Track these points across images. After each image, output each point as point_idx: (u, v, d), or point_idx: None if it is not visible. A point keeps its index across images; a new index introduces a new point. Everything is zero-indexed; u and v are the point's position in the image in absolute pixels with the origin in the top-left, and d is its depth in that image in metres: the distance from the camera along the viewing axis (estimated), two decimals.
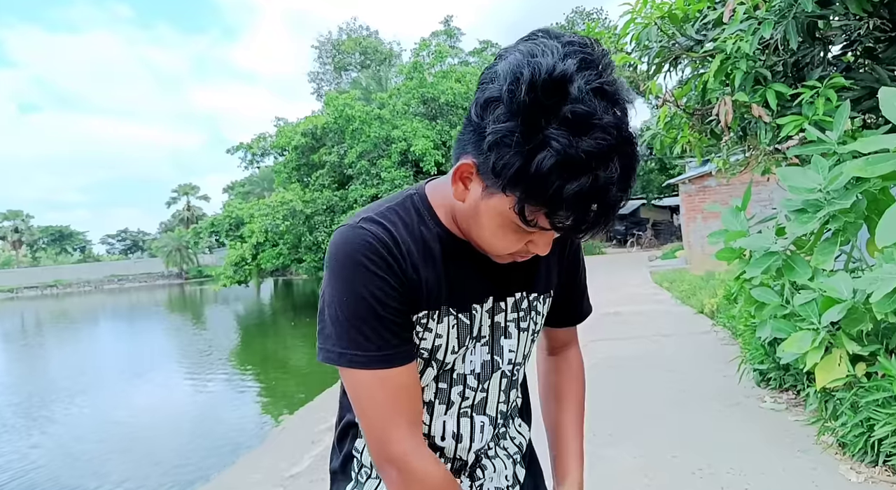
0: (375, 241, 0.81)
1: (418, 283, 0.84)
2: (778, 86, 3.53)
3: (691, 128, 4.34)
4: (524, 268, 0.93)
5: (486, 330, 0.92)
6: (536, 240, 0.78)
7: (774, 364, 3.93)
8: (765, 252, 3.38)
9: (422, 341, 0.87)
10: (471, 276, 0.89)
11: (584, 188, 0.65)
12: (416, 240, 0.85)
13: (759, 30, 3.24)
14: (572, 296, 1.08)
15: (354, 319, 0.80)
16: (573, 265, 1.06)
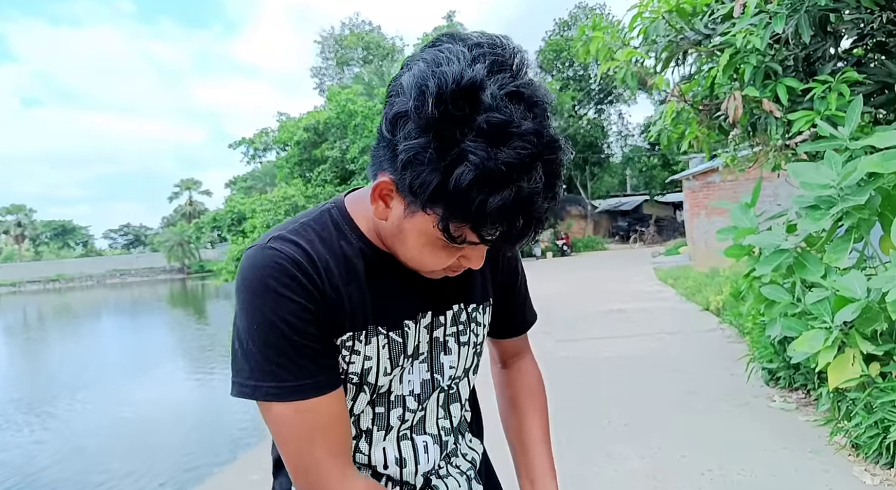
0: (287, 262, 0.74)
1: (339, 303, 0.78)
2: (789, 80, 3.47)
3: (699, 123, 4.28)
4: (459, 279, 0.87)
5: (423, 347, 0.86)
6: (468, 254, 0.74)
7: (784, 363, 3.88)
8: (775, 249, 3.33)
9: (350, 365, 0.80)
10: (400, 291, 0.83)
11: (507, 201, 0.61)
12: (336, 256, 0.79)
13: (771, 24, 3.18)
14: (513, 305, 1.03)
15: (267, 349, 0.73)
16: (511, 273, 1.01)
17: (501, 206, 0.61)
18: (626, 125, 34.71)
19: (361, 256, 0.80)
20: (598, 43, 4.24)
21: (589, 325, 7.53)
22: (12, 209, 67.40)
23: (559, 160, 0.65)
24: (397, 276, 0.82)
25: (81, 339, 17.59)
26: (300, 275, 0.74)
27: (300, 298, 0.74)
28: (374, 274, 0.81)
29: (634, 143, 35.87)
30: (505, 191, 0.60)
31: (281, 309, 0.73)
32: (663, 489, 2.82)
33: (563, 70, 31.45)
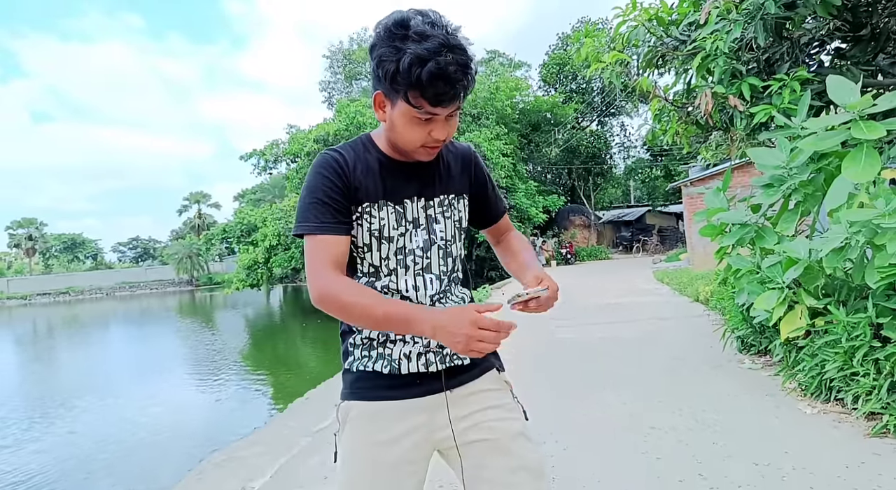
0: (329, 158, 1.27)
1: (359, 186, 1.26)
2: (751, 79, 3.99)
3: (679, 119, 4.80)
4: (443, 178, 1.37)
5: (422, 220, 1.31)
6: (434, 128, 1.18)
7: (752, 329, 4.36)
8: (740, 224, 3.83)
9: (371, 224, 1.28)
10: (402, 182, 1.31)
11: (432, 70, 1.07)
12: (361, 160, 1.28)
13: (732, 30, 3.70)
14: (487, 199, 1.48)
15: (309, 203, 1.24)
16: (479, 178, 1.45)
17: (429, 74, 1.07)
18: (629, 137, 35.24)
19: (377, 161, 1.31)
20: (588, 47, 4.78)
21: (587, 313, 8.00)
22: (23, 223, 68.12)
23: (464, 51, 1.12)
24: (400, 173, 1.31)
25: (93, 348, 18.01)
26: (336, 166, 1.26)
27: (333, 177, 1.25)
28: (386, 172, 1.30)
29: (637, 154, 36.37)
30: (429, 64, 1.07)
31: (322, 183, 1.25)
32: (638, 424, 3.29)
33: (566, 83, 32.02)
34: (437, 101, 1.13)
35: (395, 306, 1.17)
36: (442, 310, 1.14)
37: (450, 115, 1.19)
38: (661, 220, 35.13)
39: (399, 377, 1.29)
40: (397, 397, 1.30)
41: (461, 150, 1.45)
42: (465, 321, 1.06)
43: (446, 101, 1.14)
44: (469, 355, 1.10)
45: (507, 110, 24.41)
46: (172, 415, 7.83)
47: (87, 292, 54.56)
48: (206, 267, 54.52)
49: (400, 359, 1.29)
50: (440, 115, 1.17)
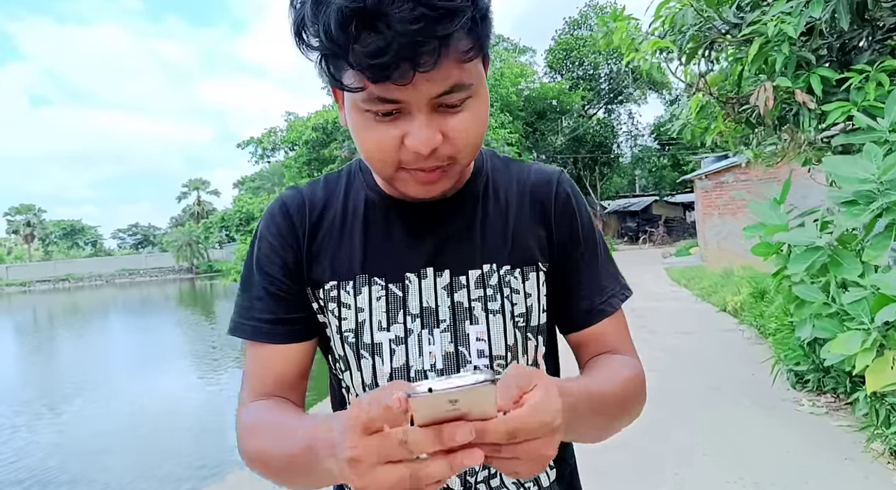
0: (277, 206, 0.80)
1: (322, 249, 0.78)
2: (823, 70, 3.34)
3: (725, 117, 4.14)
4: (488, 231, 0.78)
5: (444, 312, 0.76)
6: (409, 130, 0.63)
7: (813, 365, 3.74)
8: (808, 247, 3.20)
9: (342, 322, 0.77)
10: (404, 240, 0.77)
11: (359, 15, 0.55)
12: (336, 202, 0.80)
13: (807, 10, 3.04)
14: (574, 280, 0.81)
15: (244, 286, 0.80)
16: (569, 230, 0.80)
17: (339, 12, 0.55)
18: (636, 125, 34.49)
19: (364, 202, 0.79)
20: (620, 33, 4.11)
21: None
22: (22, 209, 67.84)
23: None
24: (402, 223, 0.78)
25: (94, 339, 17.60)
26: (281, 218, 0.78)
27: (274, 241, 0.77)
28: (375, 221, 0.78)
29: (644, 143, 35.65)
30: (353, 2, 0.55)
31: (259, 249, 0.78)
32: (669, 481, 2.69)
33: (572, 69, 31.28)
34: (379, 70, 0.57)
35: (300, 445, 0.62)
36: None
37: (440, 101, 0.63)
38: (668, 211, 34.53)
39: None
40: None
41: (534, 176, 0.83)
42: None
43: (399, 68, 0.57)
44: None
45: (512, 97, 23.76)
46: (173, 413, 7.48)
47: (86, 279, 54.38)
48: (205, 254, 54.18)
49: None
50: (407, 101, 0.61)
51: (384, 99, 0.60)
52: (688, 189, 25.72)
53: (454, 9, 0.56)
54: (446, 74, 0.60)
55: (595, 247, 0.83)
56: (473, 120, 0.66)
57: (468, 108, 0.65)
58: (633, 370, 0.78)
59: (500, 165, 0.85)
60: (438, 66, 0.58)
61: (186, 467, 5.24)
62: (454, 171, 0.70)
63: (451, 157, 0.67)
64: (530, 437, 0.50)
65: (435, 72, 0.58)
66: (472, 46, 0.61)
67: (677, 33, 3.82)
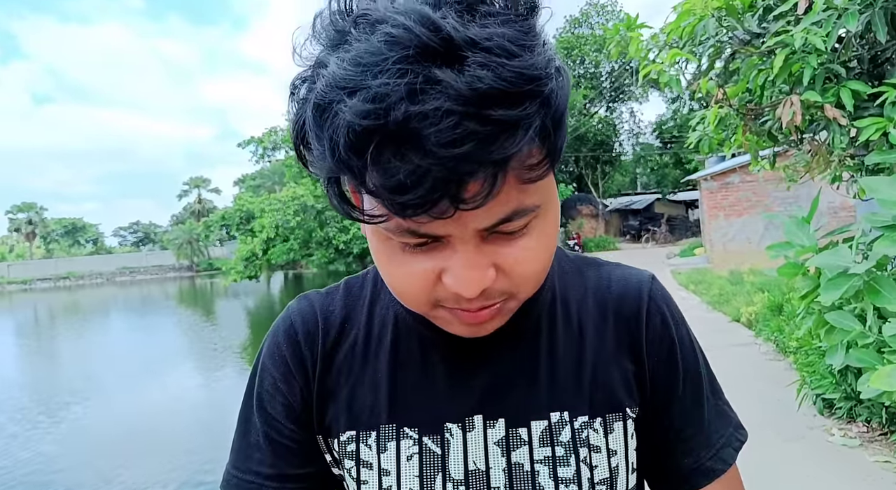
0: (283, 325, 0.64)
1: (337, 386, 0.60)
2: (854, 83, 3.16)
3: (745, 129, 3.97)
4: (559, 371, 0.60)
5: (499, 477, 0.58)
6: (448, 266, 0.47)
7: (845, 394, 3.57)
8: (841, 272, 3.02)
9: (362, 486, 0.59)
10: (444, 379, 0.60)
11: (358, 112, 0.38)
12: (357, 321, 0.63)
13: (840, 22, 2.87)
14: (682, 424, 0.63)
15: (240, 421, 0.63)
16: (667, 363, 0.63)
17: (354, 136, 0.39)
18: (638, 123, 34.27)
19: (393, 323, 0.62)
20: (636, 44, 3.93)
21: None
22: (23, 207, 67.77)
23: (486, 52, 0.39)
24: (443, 355, 0.60)
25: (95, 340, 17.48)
26: (287, 346, 0.62)
27: (277, 374, 0.62)
28: (408, 351, 0.61)
29: (646, 141, 35.44)
30: (354, 98, 0.38)
31: (259, 383, 0.62)
32: None
33: (573, 68, 31.05)
34: (407, 208, 0.41)
35: None
36: None
37: (492, 230, 0.46)
38: (670, 209, 34.34)
39: None
40: None
41: (616, 287, 0.65)
42: None
43: (436, 206, 0.41)
44: None
45: None
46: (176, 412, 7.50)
47: (87, 277, 54.31)
48: (206, 252, 54.10)
49: None
50: (447, 235, 0.45)
51: (415, 232, 0.45)
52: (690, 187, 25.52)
53: (516, 120, 0.39)
54: (504, 200, 0.44)
55: (699, 381, 0.64)
56: (539, 246, 0.49)
57: (533, 229, 0.48)
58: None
59: (571, 271, 0.67)
60: (492, 199, 0.41)
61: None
62: (511, 306, 0.53)
63: (507, 293, 0.50)
64: None
65: (491, 201, 0.42)
66: (541, 160, 0.44)
67: (696, 44, 3.64)
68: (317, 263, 21.80)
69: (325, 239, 20.43)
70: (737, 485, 0.65)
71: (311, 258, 21.44)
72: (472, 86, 0.37)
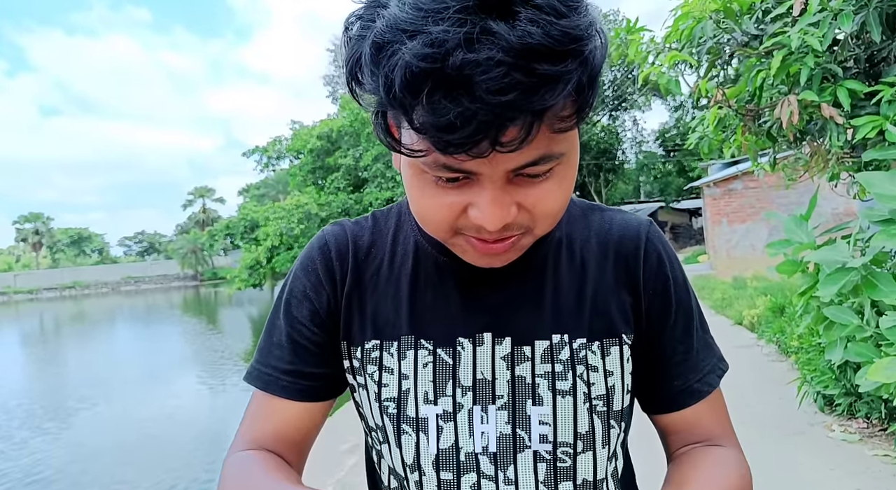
0: (317, 244, 0.71)
1: (363, 301, 0.68)
2: (851, 83, 3.21)
3: (744, 129, 4.03)
4: (562, 299, 0.67)
5: (503, 387, 0.65)
6: (475, 202, 0.52)
7: (844, 389, 3.59)
8: (839, 267, 3.06)
9: (383, 389, 0.66)
10: (460, 299, 0.67)
11: (413, 70, 0.42)
12: (384, 247, 0.70)
13: (836, 22, 2.93)
14: (673, 351, 0.70)
15: (267, 325, 0.72)
16: (662, 297, 0.69)
17: (409, 77, 0.43)
18: (641, 131, 34.36)
19: (414, 250, 0.69)
20: (636, 47, 4.00)
21: None
22: (30, 217, 68.28)
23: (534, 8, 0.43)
24: (458, 279, 0.67)
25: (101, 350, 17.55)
26: (320, 258, 0.69)
27: (308, 282, 0.69)
28: (426, 273, 0.68)
29: (649, 149, 35.52)
30: (414, 40, 0.43)
31: (290, 290, 0.70)
32: None
33: None
34: (450, 145, 0.46)
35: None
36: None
37: (519, 172, 0.51)
38: (674, 217, 34.35)
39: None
40: None
41: (618, 229, 0.71)
42: None
43: (477, 146, 0.45)
44: None
45: None
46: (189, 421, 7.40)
47: (92, 287, 54.61)
48: (210, 261, 54.33)
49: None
50: (479, 172, 0.50)
51: (451, 168, 0.50)
52: (693, 195, 25.53)
53: (558, 75, 0.43)
54: (535, 146, 0.48)
55: (690, 314, 0.71)
56: (559, 189, 0.54)
57: (555, 175, 0.54)
58: (738, 473, 0.66)
59: (578, 214, 0.73)
60: (527, 144, 0.47)
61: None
62: (527, 241, 0.58)
63: (525, 227, 0.56)
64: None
65: (528, 146, 0.47)
66: (573, 113, 0.49)
67: (695, 46, 3.71)
68: None
69: None
70: (720, 406, 0.72)
71: None
72: (523, 40, 0.42)
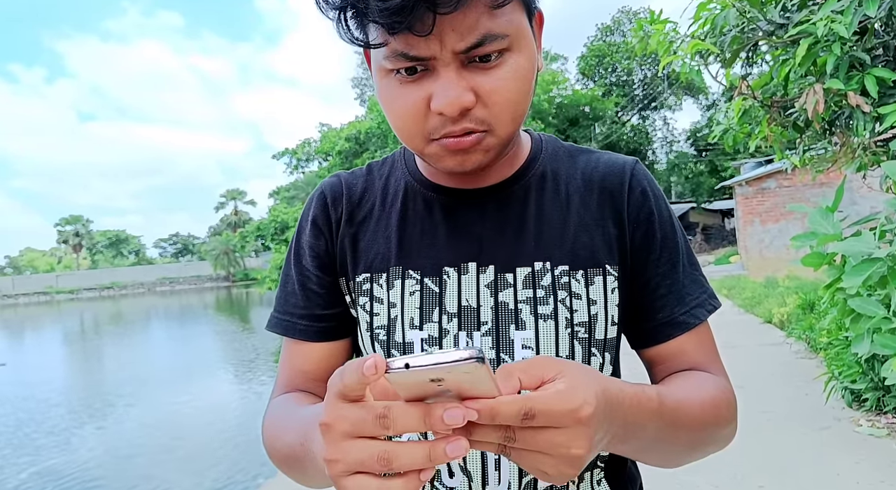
0: (316, 195, 0.78)
1: (356, 239, 0.74)
2: (879, 71, 3.15)
3: (770, 121, 3.97)
4: (545, 224, 0.70)
5: (487, 313, 0.68)
6: (433, 91, 0.57)
7: (872, 383, 3.52)
8: (865, 258, 3.00)
9: (374, 318, 0.71)
10: (446, 232, 0.71)
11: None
12: (374, 190, 0.76)
13: (861, 9, 2.87)
14: (658, 283, 0.71)
15: (282, 277, 0.79)
16: (645, 230, 0.70)
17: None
18: (672, 131, 33.82)
19: (403, 190, 0.75)
20: (658, 36, 3.98)
21: None
22: (71, 220, 70.50)
23: None
24: (444, 213, 0.72)
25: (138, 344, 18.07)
26: (318, 208, 0.76)
27: (310, 232, 0.75)
28: (414, 210, 0.73)
29: (680, 149, 34.92)
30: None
31: (296, 241, 0.78)
32: None
33: (605, 75, 30.94)
34: (394, 15, 0.51)
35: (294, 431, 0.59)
36: None
37: (470, 54, 0.56)
38: (706, 218, 33.74)
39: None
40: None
41: (603, 167, 0.74)
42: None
43: (414, 12, 0.51)
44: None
45: (544, 105, 23.63)
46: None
47: (129, 287, 56.08)
48: (241, 263, 55.28)
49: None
50: (431, 56, 0.55)
51: (406, 55, 0.55)
52: (726, 196, 25.05)
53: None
54: (474, 23, 0.53)
55: (676, 248, 0.72)
56: (513, 78, 0.58)
57: (506, 63, 0.57)
58: (719, 388, 0.67)
59: (563, 154, 0.76)
60: (462, 7, 0.51)
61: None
62: (491, 143, 0.61)
63: (485, 123, 0.59)
64: (551, 423, 0.42)
65: (460, 20, 0.52)
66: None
67: (718, 35, 3.67)
68: None
69: None
70: (708, 340, 0.73)
71: None
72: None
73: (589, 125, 29.01)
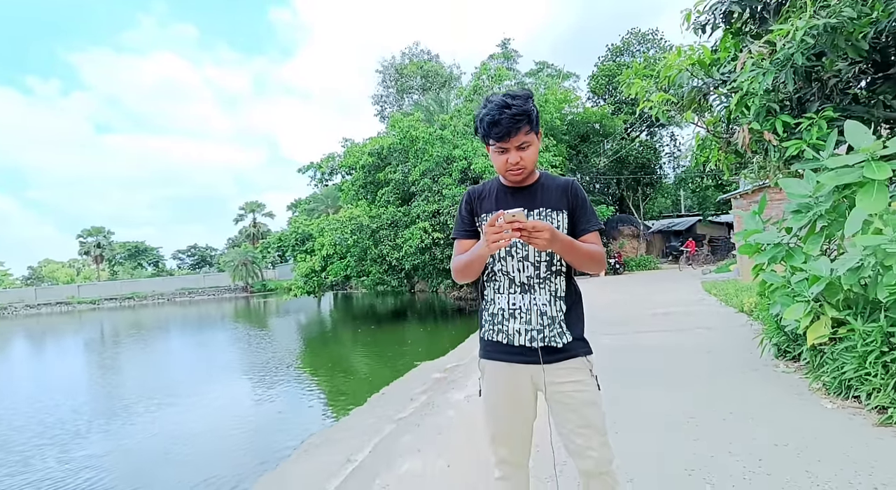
0: (466, 193, 2.13)
1: (479, 206, 2.07)
2: (784, 117, 4.54)
3: (720, 149, 5.36)
4: (543, 197, 2.02)
5: (530, 217, 1.96)
6: (509, 156, 1.93)
7: (787, 338, 4.87)
8: (773, 244, 4.38)
9: (481, 230, 2.02)
10: (510, 202, 2.00)
11: (482, 116, 1.93)
12: (487, 189, 2.09)
13: (763, 78, 4.27)
14: (580, 215, 2.01)
15: (457, 219, 2.11)
16: (575, 199, 2.02)
17: (481, 118, 1.95)
18: (679, 147, 35.06)
19: (495, 189, 2.09)
20: (637, 87, 5.40)
21: (638, 323, 8.53)
22: (92, 231, 71.97)
23: (510, 105, 1.88)
24: (510, 197, 2.03)
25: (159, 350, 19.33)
26: (467, 195, 2.13)
27: (464, 203, 2.11)
28: (501, 193, 2.07)
29: (686, 164, 36.09)
30: (486, 118, 1.92)
31: (462, 206, 2.12)
32: (681, 414, 3.88)
33: (615, 94, 32.24)
34: (497, 138, 1.89)
35: (470, 252, 1.95)
36: None
37: (518, 146, 1.90)
38: (713, 230, 34.84)
39: (513, 347, 1.99)
40: (512, 361, 1.99)
41: (562, 180, 2.10)
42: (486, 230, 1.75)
43: (504, 136, 1.89)
44: (493, 248, 1.77)
45: (557, 122, 24.92)
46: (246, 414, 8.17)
47: (149, 298, 57.27)
48: (259, 274, 56.58)
49: (513, 334, 1.99)
50: (508, 146, 1.90)
51: (500, 147, 1.96)
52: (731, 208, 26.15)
53: (521, 115, 1.90)
54: (521, 138, 1.94)
55: (585, 207, 2.08)
56: (532, 154, 1.99)
57: (530, 149, 1.98)
58: (599, 248, 2.06)
59: (549, 176, 2.15)
60: (518, 135, 1.93)
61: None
62: (525, 173, 2.02)
63: (523, 167, 1.99)
64: (540, 229, 1.72)
65: (517, 137, 1.93)
66: (530, 128, 1.95)
67: (678, 88, 5.09)
68: (367, 284, 23.20)
69: (380, 256, 21.96)
70: (595, 236, 2.09)
71: (367, 276, 22.84)
72: (513, 110, 1.90)
73: (599, 141, 30.24)
